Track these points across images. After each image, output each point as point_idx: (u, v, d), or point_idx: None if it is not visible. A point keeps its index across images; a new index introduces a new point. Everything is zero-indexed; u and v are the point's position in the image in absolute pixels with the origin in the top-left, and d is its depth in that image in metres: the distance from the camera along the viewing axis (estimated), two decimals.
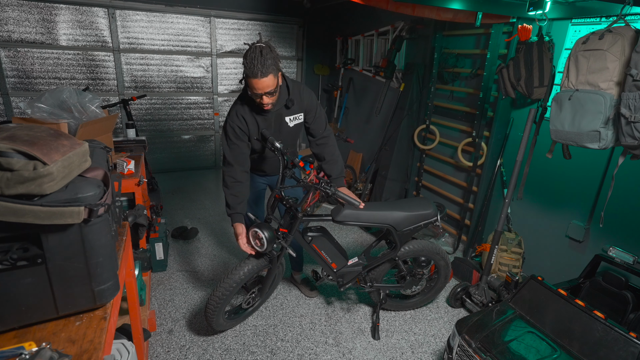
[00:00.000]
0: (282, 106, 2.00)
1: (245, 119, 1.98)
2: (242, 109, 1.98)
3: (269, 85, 1.77)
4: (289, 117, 2.07)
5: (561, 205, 2.67)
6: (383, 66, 3.78)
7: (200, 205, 4.15)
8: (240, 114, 1.98)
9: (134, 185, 2.37)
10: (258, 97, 1.83)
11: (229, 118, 2.00)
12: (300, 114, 2.09)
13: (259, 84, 1.75)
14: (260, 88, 1.77)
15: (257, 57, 1.71)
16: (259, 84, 1.75)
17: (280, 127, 2.08)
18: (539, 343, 1.78)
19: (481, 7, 2.43)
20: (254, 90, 1.79)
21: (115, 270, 1.06)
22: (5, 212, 0.82)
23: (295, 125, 2.12)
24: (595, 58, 1.74)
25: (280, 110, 2.02)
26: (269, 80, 1.75)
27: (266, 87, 1.77)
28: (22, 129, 0.93)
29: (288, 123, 2.08)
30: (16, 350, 0.86)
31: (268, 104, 1.87)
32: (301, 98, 2.06)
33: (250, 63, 1.71)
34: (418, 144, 3.70)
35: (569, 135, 1.86)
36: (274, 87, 1.81)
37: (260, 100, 1.84)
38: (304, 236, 2.14)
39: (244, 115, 1.98)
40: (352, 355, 2.17)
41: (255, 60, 1.71)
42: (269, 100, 1.85)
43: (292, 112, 2.07)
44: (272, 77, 1.76)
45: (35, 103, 2.00)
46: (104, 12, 4.35)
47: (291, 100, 2.01)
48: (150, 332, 2.13)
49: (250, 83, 1.77)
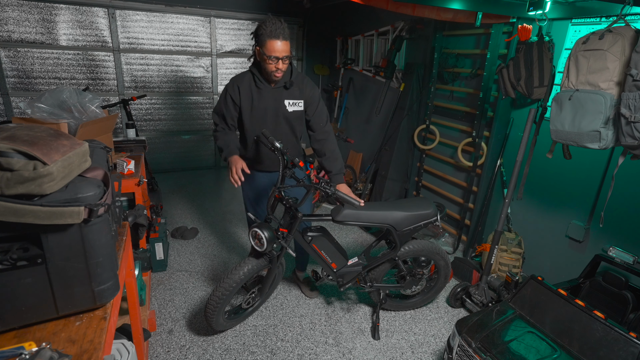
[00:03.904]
0: (282, 86, 2.07)
1: (239, 89, 2.06)
2: (241, 79, 2.07)
3: (287, 50, 1.90)
4: (288, 101, 2.10)
5: (561, 205, 2.67)
6: (383, 66, 3.78)
7: (200, 205, 4.15)
8: (237, 83, 2.07)
9: (134, 185, 2.37)
10: (274, 62, 1.92)
11: (227, 84, 2.12)
12: (300, 101, 2.12)
13: (281, 46, 1.87)
14: (280, 51, 1.88)
15: (277, 23, 1.86)
16: (281, 46, 1.87)
17: (278, 109, 2.10)
18: (539, 343, 1.78)
19: (481, 7, 2.43)
20: (273, 53, 1.88)
21: (115, 270, 1.06)
22: (5, 212, 0.82)
23: (295, 113, 2.13)
24: (596, 58, 1.73)
25: (279, 91, 2.07)
26: (287, 46, 1.89)
27: (284, 51, 1.89)
28: (22, 129, 0.93)
29: (287, 107, 2.10)
30: (16, 350, 0.86)
31: (279, 71, 1.96)
32: (303, 85, 2.12)
33: (272, 26, 1.84)
34: (418, 144, 3.70)
35: (569, 135, 1.86)
36: (290, 54, 1.94)
37: (276, 64, 1.93)
38: (304, 236, 2.14)
39: (240, 86, 2.06)
40: (352, 355, 2.17)
41: (277, 24, 1.86)
42: (283, 67, 1.95)
43: (292, 95, 2.10)
44: (289, 43, 1.90)
45: (35, 103, 2.00)
46: (104, 12, 4.35)
47: (291, 82, 2.07)
48: (150, 332, 2.13)
49: (270, 46, 1.87)
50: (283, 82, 2.06)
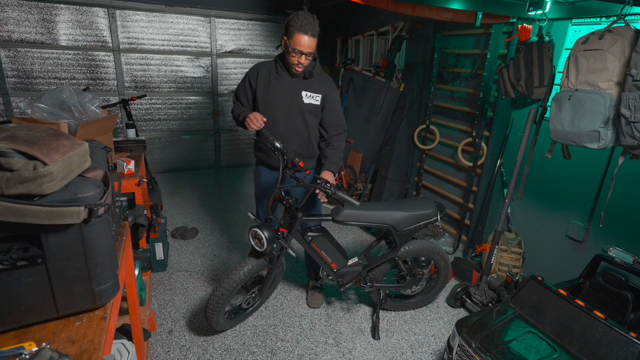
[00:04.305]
0: (301, 77, 2.10)
1: (259, 72, 2.10)
2: (264, 64, 2.13)
3: (312, 46, 1.94)
4: (306, 92, 2.10)
5: (561, 205, 2.67)
6: (383, 66, 3.78)
7: (200, 205, 4.15)
8: (258, 67, 2.13)
9: (134, 185, 2.37)
10: (297, 56, 1.95)
11: (251, 68, 2.16)
12: (318, 96, 2.12)
13: (307, 42, 1.91)
14: (306, 46, 1.92)
15: (309, 18, 1.90)
16: (307, 42, 1.91)
17: (294, 98, 2.10)
18: (539, 343, 1.78)
19: (481, 7, 2.43)
20: (298, 47, 1.92)
21: (115, 270, 1.06)
22: (5, 212, 0.82)
23: (310, 106, 2.12)
24: (595, 58, 1.74)
25: (297, 81, 2.09)
26: (313, 42, 1.93)
27: (309, 47, 1.93)
28: (22, 129, 0.93)
29: (303, 98, 2.10)
30: (16, 350, 0.86)
31: (301, 66, 2.00)
32: (324, 82, 2.15)
33: (303, 20, 1.88)
34: (418, 144, 3.70)
35: (569, 135, 1.86)
36: (314, 51, 1.98)
37: (298, 58, 1.96)
38: (304, 236, 2.14)
39: (260, 69, 2.11)
40: (352, 355, 2.17)
41: (308, 20, 1.90)
42: (305, 62, 1.98)
43: (310, 87, 2.11)
44: (315, 41, 1.94)
45: (35, 103, 2.00)
46: (104, 12, 4.35)
47: (311, 73, 2.09)
48: (150, 332, 2.13)
49: (296, 39, 1.91)
50: (303, 72, 2.08)
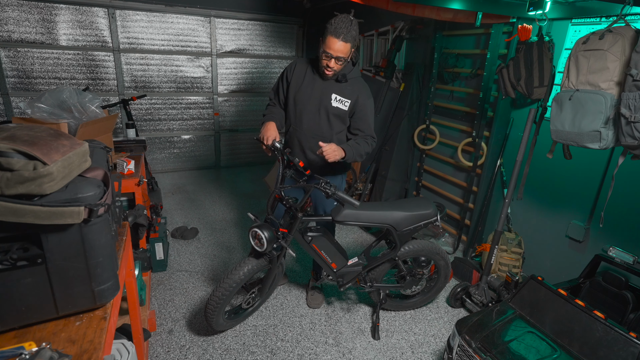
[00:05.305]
0: (334, 79, 2.07)
1: (295, 67, 2.12)
2: (303, 60, 2.14)
3: (343, 51, 1.89)
4: (335, 95, 2.08)
5: (561, 205, 2.67)
6: (383, 66, 3.77)
7: (200, 205, 4.15)
8: (297, 62, 2.13)
9: (134, 185, 2.37)
10: (327, 59, 1.93)
11: (291, 62, 2.19)
12: (347, 101, 2.08)
13: (336, 46, 1.87)
14: (335, 50, 1.88)
15: (346, 22, 1.85)
16: (336, 46, 1.87)
17: (322, 99, 2.09)
18: (539, 343, 1.78)
19: (481, 7, 2.43)
20: (328, 50, 1.89)
21: (115, 270, 1.06)
22: (5, 212, 0.82)
23: (337, 109, 2.09)
24: (596, 58, 1.74)
25: (329, 83, 2.07)
26: (345, 47, 1.88)
27: (340, 51, 1.89)
28: (22, 129, 0.93)
29: (332, 101, 2.08)
30: (16, 350, 0.86)
31: (331, 70, 1.96)
32: (358, 86, 2.09)
33: (339, 24, 1.84)
34: (418, 144, 3.70)
35: (570, 135, 1.86)
36: (346, 56, 1.92)
37: (328, 62, 1.93)
38: (304, 236, 2.14)
39: (297, 65, 2.12)
40: (352, 355, 2.17)
41: (344, 24, 1.84)
42: (334, 66, 1.95)
43: (342, 91, 2.07)
44: (349, 46, 1.89)
45: (35, 103, 2.00)
46: (104, 12, 4.34)
47: (344, 76, 2.05)
48: (150, 332, 2.13)
49: (328, 42, 1.88)
50: (336, 75, 2.05)
